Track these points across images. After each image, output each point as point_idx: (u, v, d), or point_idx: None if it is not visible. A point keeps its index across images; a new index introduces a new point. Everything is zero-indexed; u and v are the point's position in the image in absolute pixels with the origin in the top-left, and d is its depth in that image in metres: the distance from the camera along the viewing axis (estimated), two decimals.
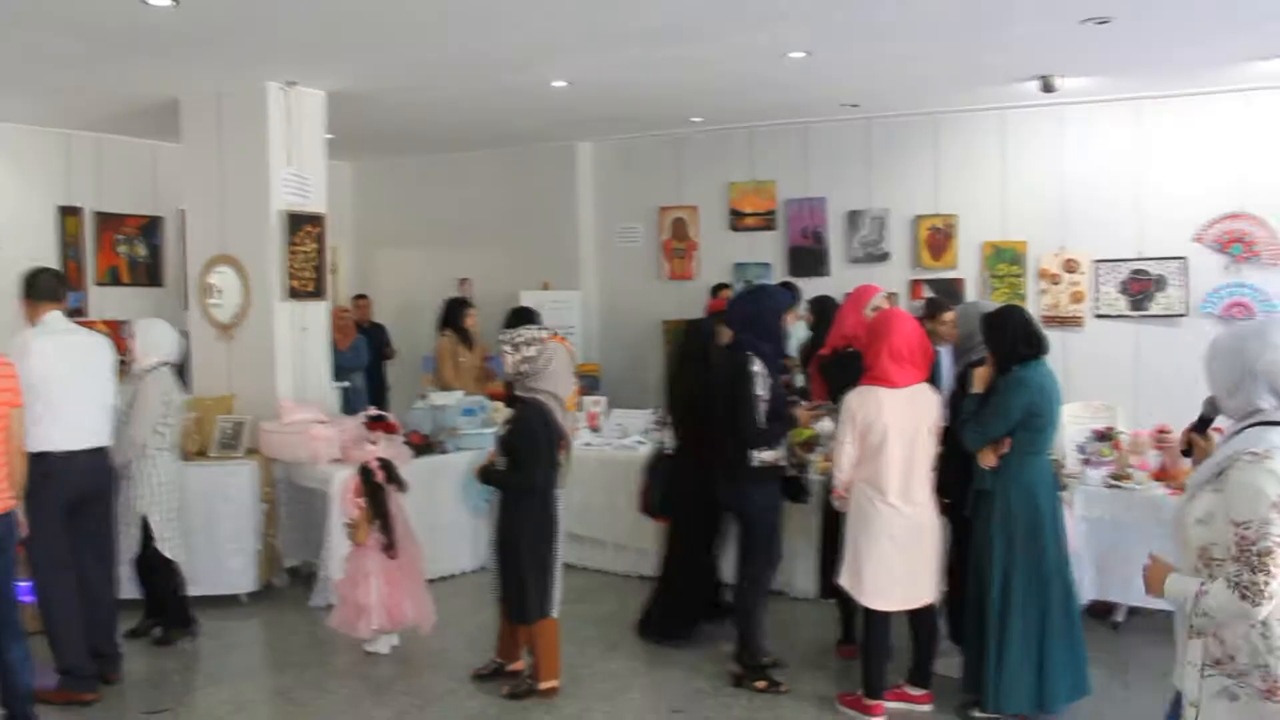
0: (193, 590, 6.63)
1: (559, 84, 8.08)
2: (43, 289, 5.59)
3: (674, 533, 6.36)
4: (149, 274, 10.55)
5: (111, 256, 10.27)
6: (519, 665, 5.71)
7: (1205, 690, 2.95)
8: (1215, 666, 2.95)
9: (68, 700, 5.45)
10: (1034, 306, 8.84)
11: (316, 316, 8.25)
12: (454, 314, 8.93)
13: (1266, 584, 2.74)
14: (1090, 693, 5.09)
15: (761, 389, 5.35)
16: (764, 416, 5.36)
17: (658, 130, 10.67)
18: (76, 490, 5.56)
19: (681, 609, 6.31)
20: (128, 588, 6.35)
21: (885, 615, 5.13)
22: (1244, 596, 2.76)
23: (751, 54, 7.25)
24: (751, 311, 5.57)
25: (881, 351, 5.02)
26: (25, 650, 4.97)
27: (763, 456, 5.43)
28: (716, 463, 5.59)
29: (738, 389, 5.38)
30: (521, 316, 8.55)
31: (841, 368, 5.58)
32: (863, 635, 5.27)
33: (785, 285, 8.53)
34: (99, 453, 5.66)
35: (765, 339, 5.46)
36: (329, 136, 8.34)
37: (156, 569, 6.32)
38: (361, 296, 11.37)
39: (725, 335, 5.96)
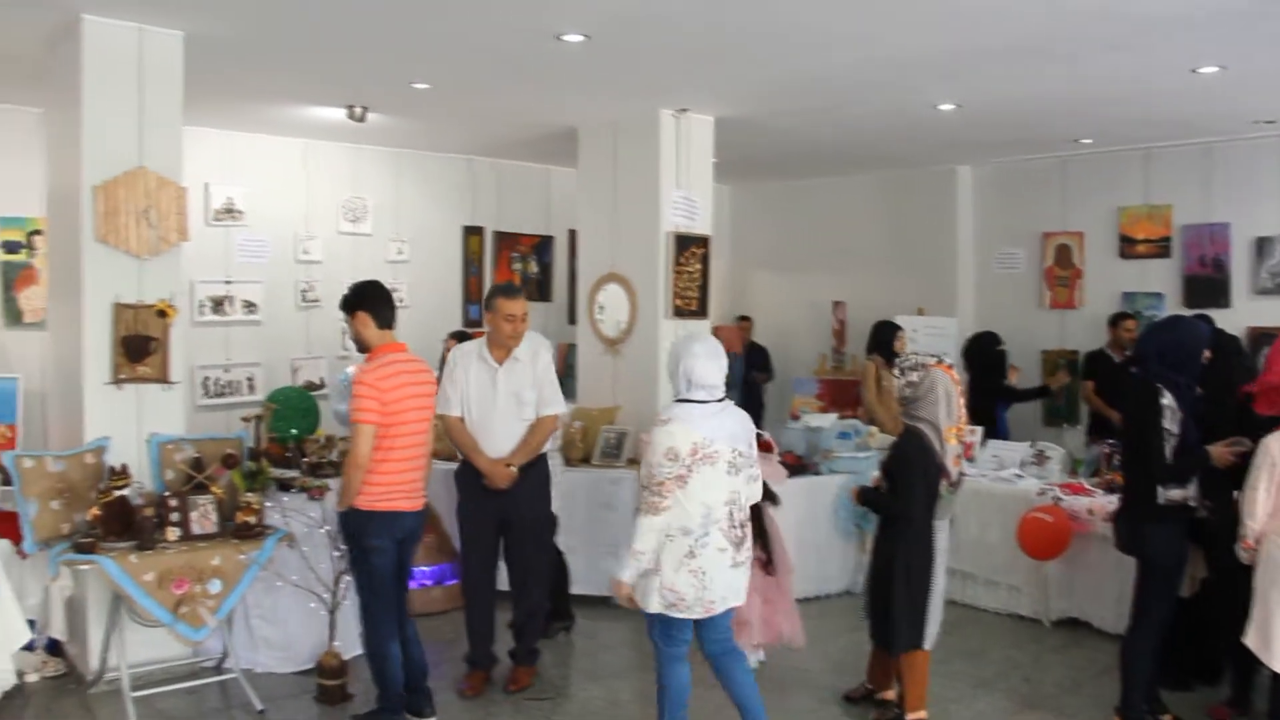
0: (573, 588, 7.04)
1: (946, 107, 7.94)
2: None
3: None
4: (539, 289, 11.26)
5: (507, 272, 11.05)
6: (889, 694, 5.64)
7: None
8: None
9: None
10: None
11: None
12: (884, 336, 8.76)
13: (658, 503, 4.40)
14: None
15: (1171, 423, 5.03)
16: (1173, 452, 5.05)
17: (1042, 153, 10.26)
18: None
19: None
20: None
21: None
22: (647, 511, 4.41)
23: (1155, 69, 6.81)
24: (1167, 341, 5.24)
25: None
26: (415, 629, 5.46)
27: (1170, 495, 5.09)
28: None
29: (1146, 422, 5.09)
30: (982, 341, 9.28)
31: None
32: (1270, 703, 4.85)
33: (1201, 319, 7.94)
34: None
35: (1179, 370, 5.13)
36: (713, 160, 8.60)
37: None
38: (744, 318, 11.64)
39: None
